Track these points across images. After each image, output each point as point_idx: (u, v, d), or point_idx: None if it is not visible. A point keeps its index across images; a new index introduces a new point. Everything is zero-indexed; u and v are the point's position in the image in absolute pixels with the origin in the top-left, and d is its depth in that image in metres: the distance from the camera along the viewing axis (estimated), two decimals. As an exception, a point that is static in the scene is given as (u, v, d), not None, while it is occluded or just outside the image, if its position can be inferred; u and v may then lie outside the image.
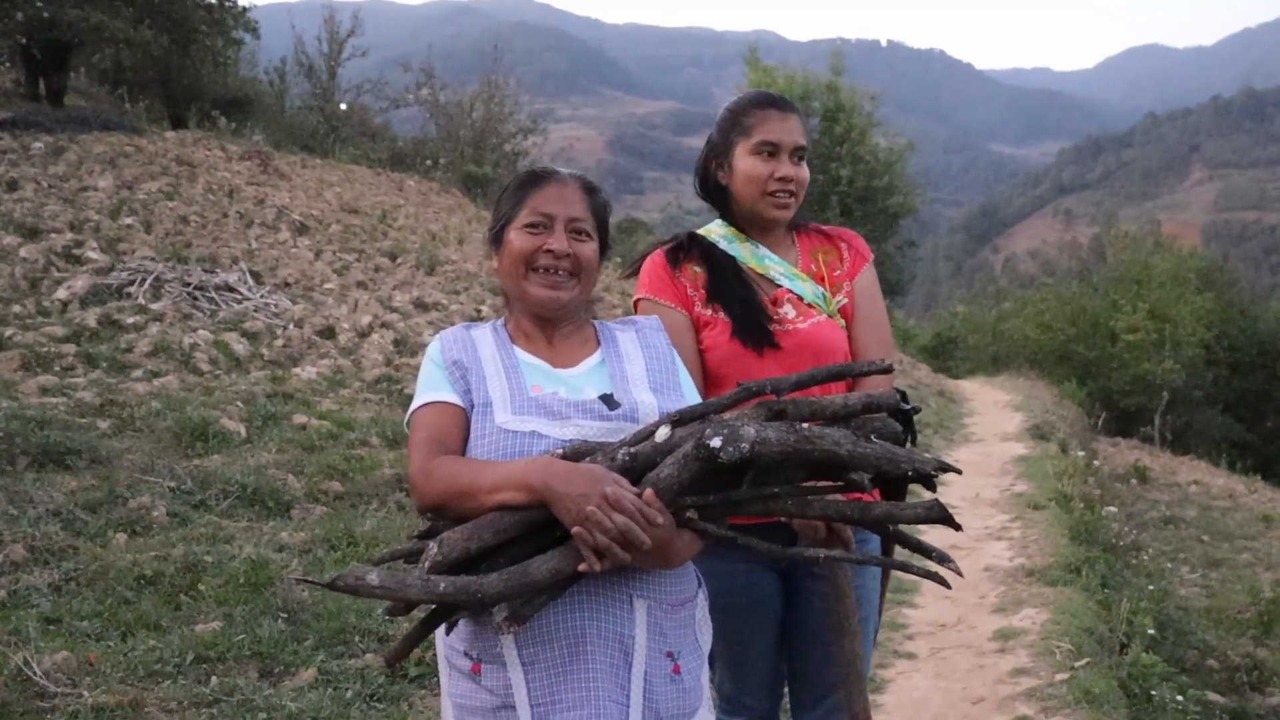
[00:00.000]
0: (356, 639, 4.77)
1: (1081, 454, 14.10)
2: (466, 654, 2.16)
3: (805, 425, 2.05)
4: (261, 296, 12.06)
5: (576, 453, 2.09)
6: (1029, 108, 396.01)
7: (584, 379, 2.32)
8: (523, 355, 2.34)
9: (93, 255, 11.75)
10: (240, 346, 10.31)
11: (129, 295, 10.87)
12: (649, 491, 1.98)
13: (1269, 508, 17.54)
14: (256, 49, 32.23)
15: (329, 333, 11.70)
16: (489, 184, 30.86)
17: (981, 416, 18.16)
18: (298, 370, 10.04)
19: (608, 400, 2.27)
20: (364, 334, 11.96)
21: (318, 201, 19.59)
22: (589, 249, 2.35)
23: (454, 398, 2.25)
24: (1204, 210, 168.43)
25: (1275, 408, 36.02)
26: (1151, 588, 8.20)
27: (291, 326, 11.41)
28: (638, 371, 2.37)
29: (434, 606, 2.01)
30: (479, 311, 14.42)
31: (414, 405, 2.28)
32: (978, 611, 6.66)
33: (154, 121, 22.97)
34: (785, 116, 2.83)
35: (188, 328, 10.39)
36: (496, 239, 2.40)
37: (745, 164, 2.83)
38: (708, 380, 2.77)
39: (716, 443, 1.94)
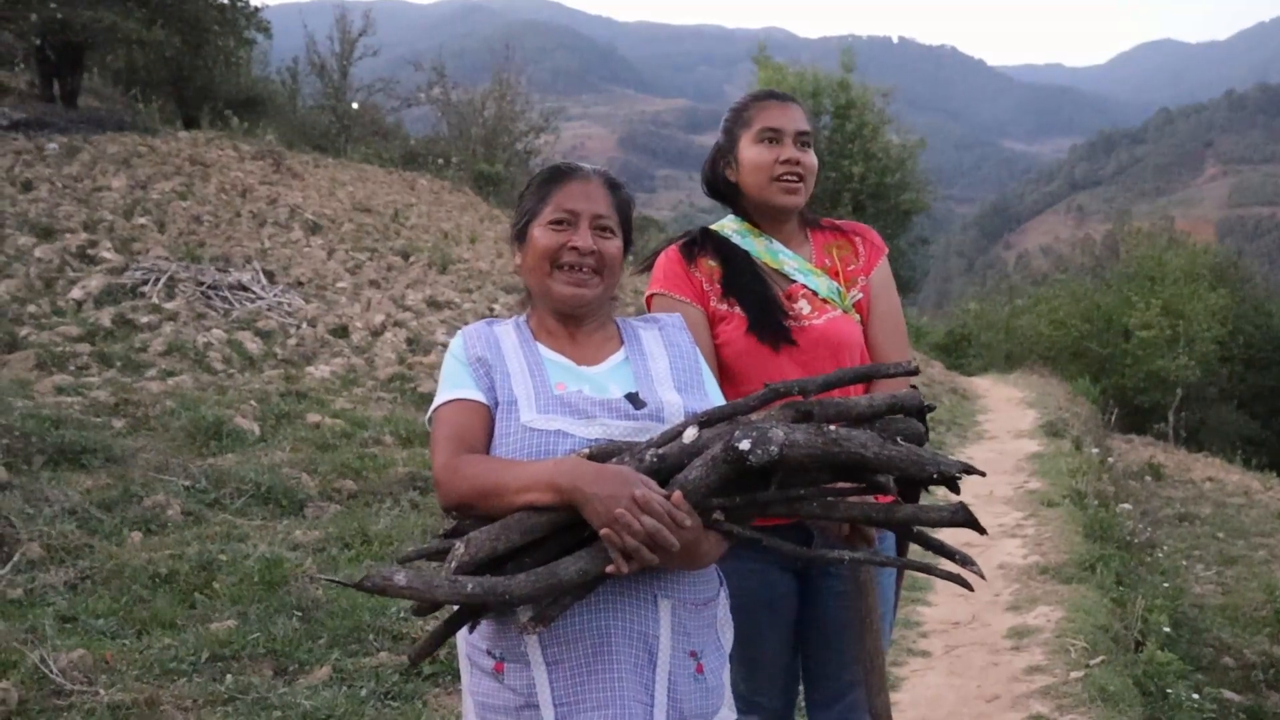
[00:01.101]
0: (371, 637, 4.77)
1: (1095, 451, 14.05)
2: (489, 652, 2.14)
3: (832, 427, 2.03)
4: (275, 295, 12.10)
5: (603, 453, 2.08)
6: (1041, 104, 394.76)
7: (608, 377, 2.31)
8: (546, 352, 2.33)
9: (107, 255, 11.79)
10: (254, 345, 10.34)
11: (143, 295, 10.91)
12: (677, 494, 1.97)
13: (1285, 504, 17.44)
14: (269, 49, 32.28)
15: (342, 331, 11.72)
16: (501, 182, 30.90)
17: (995, 413, 18.11)
18: (311, 369, 10.07)
19: (633, 399, 2.25)
20: (377, 333, 11.99)
21: (330, 200, 19.64)
22: (613, 246, 2.34)
23: (478, 395, 2.23)
24: (1218, 206, 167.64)
25: (1291, 404, 35.84)
26: (1167, 585, 8.16)
27: (305, 325, 11.45)
28: (662, 370, 2.35)
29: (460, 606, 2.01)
30: (491, 309, 14.43)
31: (437, 402, 2.26)
32: (992, 609, 6.64)
33: (167, 122, 23.04)
34: (785, 105, 2.86)
35: (201, 327, 10.43)
36: (520, 236, 2.39)
37: (750, 153, 2.84)
38: (722, 376, 2.75)
39: (745, 445, 1.94)
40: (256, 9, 25.75)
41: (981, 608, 6.61)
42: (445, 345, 11.86)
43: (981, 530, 2.20)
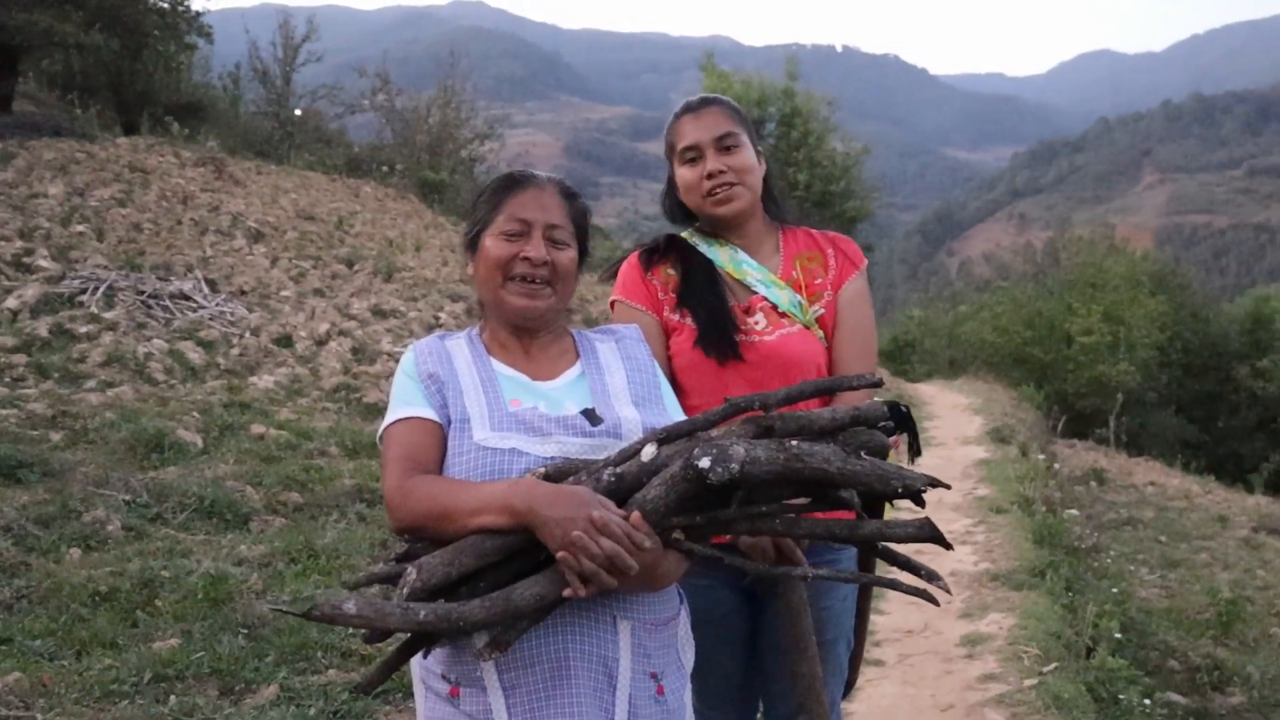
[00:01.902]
0: (319, 654, 4.68)
1: (1042, 457, 14.18)
2: (444, 676, 2.08)
3: (794, 442, 1.98)
4: (217, 305, 11.91)
5: (560, 472, 2.02)
6: (983, 112, 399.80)
7: (564, 393, 2.25)
8: (500, 367, 2.27)
9: (43, 264, 11.56)
10: (196, 355, 10.17)
11: (81, 304, 10.70)
12: (636, 514, 1.92)
13: (1224, 508, 17.69)
14: (210, 54, 31.89)
15: (286, 341, 11.56)
16: (445, 190, 30.72)
17: (941, 420, 18.21)
18: (254, 379, 9.92)
19: (590, 415, 2.19)
20: (321, 342, 11.83)
21: (273, 208, 19.41)
22: (567, 256, 2.28)
23: (429, 413, 2.17)
24: (1155, 214, 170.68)
25: (1227, 409, 36.44)
26: (1115, 590, 8.23)
27: (248, 335, 11.28)
28: (619, 385, 2.30)
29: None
30: (437, 318, 14.32)
31: (387, 420, 2.20)
32: (944, 617, 6.63)
33: (105, 128, 22.67)
34: (698, 116, 2.77)
35: (142, 337, 10.24)
36: (471, 245, 2.32)
37: (678, 176, 2.80)
38: (673, 388, 2.70)
39: (705, 463, 1.88)
40: (198, 13, 25.42)
41: (933, 615, 6.60)
42: (391, 355, 11.77)
43: (948, 545, 2.17)
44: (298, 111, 32.58)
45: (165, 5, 23.80)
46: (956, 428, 16.82)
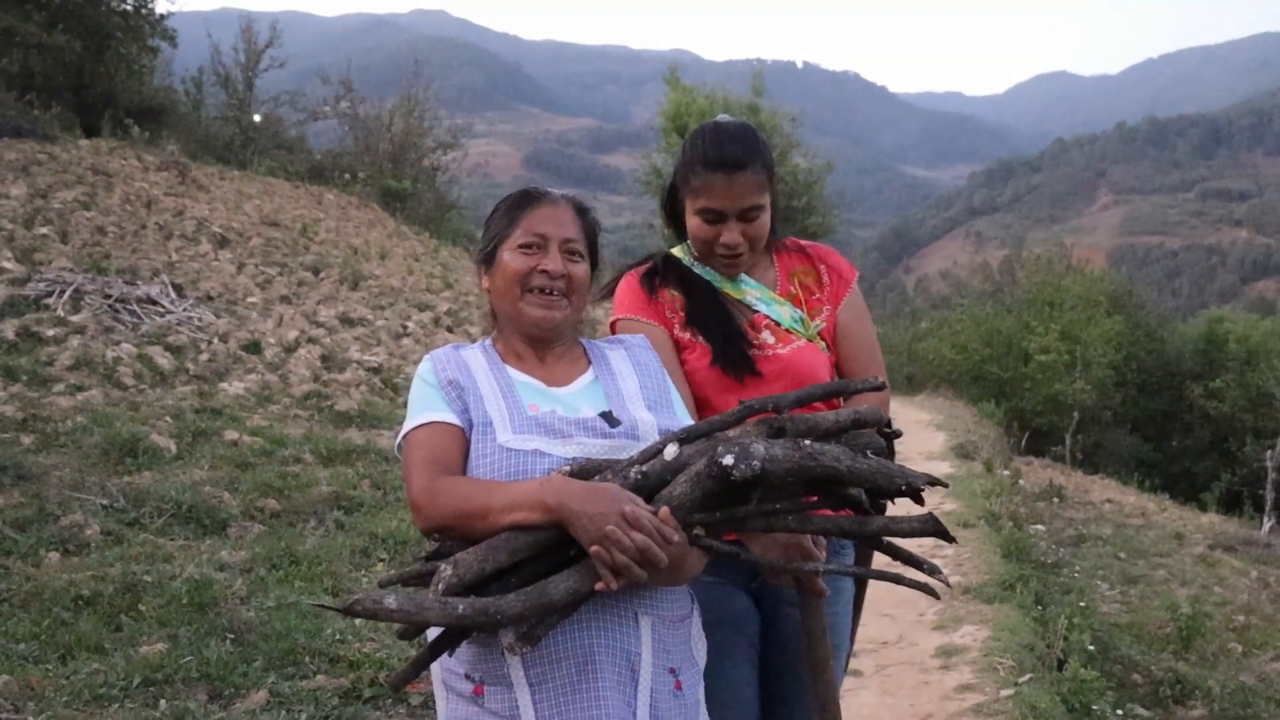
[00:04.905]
0: (307, 659, 4.66)
1: (1006, 473, 14.31)
2: (467, 676, 2.12)
3: (807, 442, 2.05)
4: (184, 310, 11.84)
5: (584, 471, 2.07)
6: (941, 131, 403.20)
7: (579, 398, 2.31)
8: (516, 375, 2.32)
9: (7, 265, 11.43)
10: (164, 360, 10.10)
11: (47, 307, 10.60)
12: (664, 509, 1.97)
13: (1179, 526, 17.92)
14: (172, 58, 31.61)
15: (254, 347, 11.50)
16: (408, 199, 30.62)
17: (904, 436, 18.27)
18: (224, 385, 9.86)
19: (608, 417, 2.25)
20: (290, 349, 11.78)
21: (238, 214, 19.29)
22: (581, 269, 2.35)
23: (452, 417, 2.22)
24: (1110, 234, 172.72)
25: (1180, 428, 36.91)
26: (1083, 604, 8.35)
27: (216, 341, 11.21)
28: (632, 389, 2.36)
29: (442, 628, 1.97)
30: (405, 327, 14.31)
31: (408, 426, 2.24)
32: (918, 629, 6.71)
33: (65, 129, 22.40)
34: (731, 180, 2.65)
35: (110, 341, 10.15)
36: (488, 259, 2.38)
37: (692, 223, 2.75)
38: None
39: (729, 460, 1.94)
40: (162, 16, 25.23)
41: (908, 627, 6.68)
42: (360, 363, 11.73)
43: (951, 539, 2.25)
44: (256, 117, 32.33)
45: (128, 7, 23.60)
46: (920, 443, 16.93)
